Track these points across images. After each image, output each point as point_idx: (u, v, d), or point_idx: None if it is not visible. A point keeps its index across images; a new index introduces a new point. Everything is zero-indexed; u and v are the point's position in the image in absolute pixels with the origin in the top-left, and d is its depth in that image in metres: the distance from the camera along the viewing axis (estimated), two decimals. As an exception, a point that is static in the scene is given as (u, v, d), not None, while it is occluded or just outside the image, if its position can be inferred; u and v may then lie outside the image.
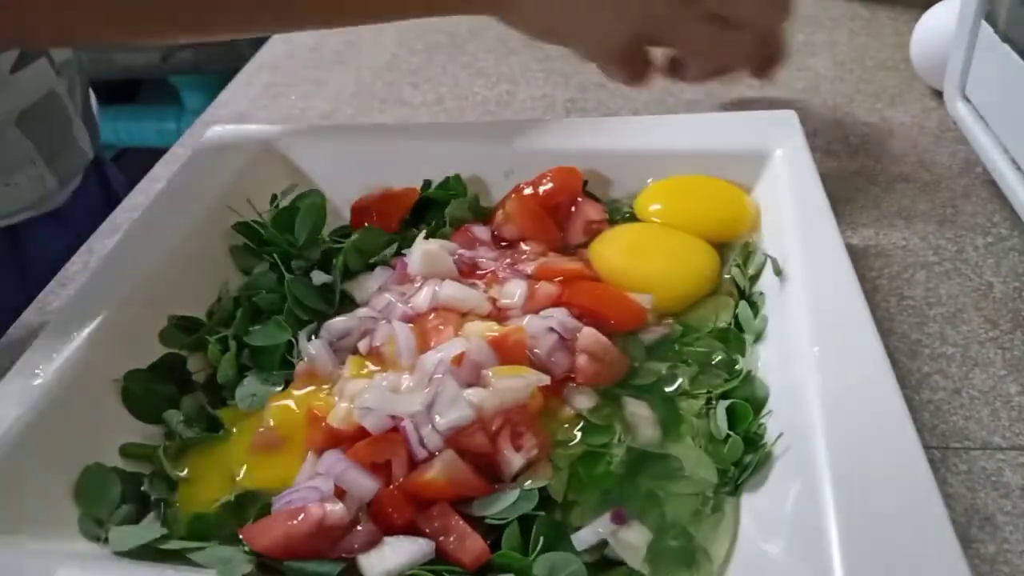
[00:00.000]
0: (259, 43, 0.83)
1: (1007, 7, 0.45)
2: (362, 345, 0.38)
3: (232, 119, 0.69)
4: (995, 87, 0.48)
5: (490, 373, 0.34)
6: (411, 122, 0.65)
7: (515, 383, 0.34)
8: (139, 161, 0.76)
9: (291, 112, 0.69)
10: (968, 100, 0.51)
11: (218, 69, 1.41)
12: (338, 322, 0.40)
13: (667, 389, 0.36)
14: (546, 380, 0.34)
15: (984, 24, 0.48)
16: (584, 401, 0.35)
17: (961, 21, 0.50)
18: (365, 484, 0.31)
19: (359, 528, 0.31)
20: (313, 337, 0.40)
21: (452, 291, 0.39)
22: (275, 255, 0.44)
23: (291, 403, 0.37)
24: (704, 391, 0.36)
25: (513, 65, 0.73)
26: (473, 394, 0.33)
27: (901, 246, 0.48)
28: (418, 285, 0.40)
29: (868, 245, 0.48)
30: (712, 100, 0.64)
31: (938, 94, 0.54)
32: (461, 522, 0.31)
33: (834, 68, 0.67)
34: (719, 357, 0.37)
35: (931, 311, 0.43)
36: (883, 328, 0.42)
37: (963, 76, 0.51)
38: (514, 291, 0.39)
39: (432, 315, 0.38)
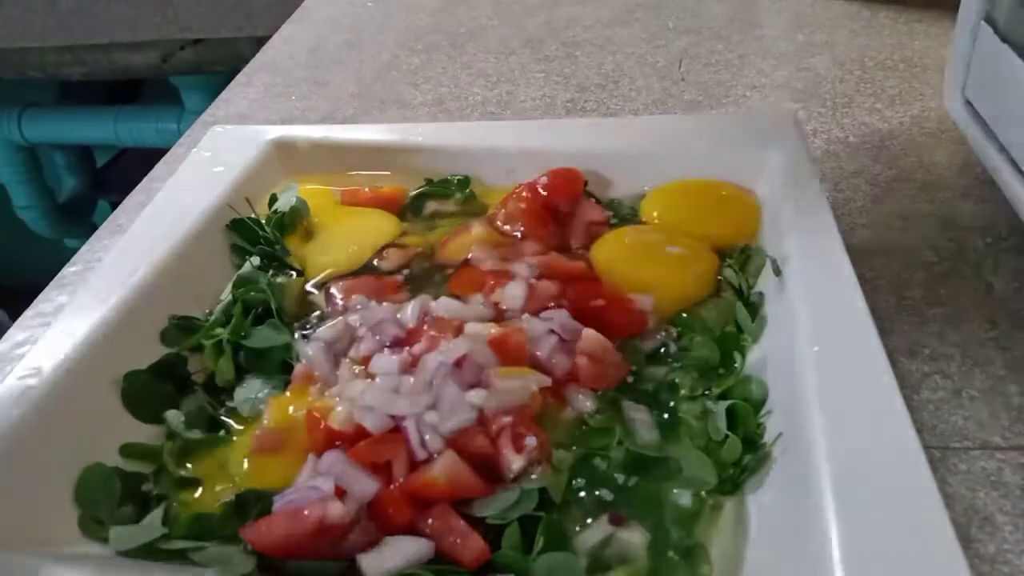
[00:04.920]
0: (260, 44, 0.83)
1: (1007, 7, 0.45)
2: (352, 351, 0.38)
3: (232, 119, 0.69)
4: (995, 87, 0.48)
5: (492, 374, 0.34)
6: (411, 123, 0.65)
7: (516, 384, 0.34)
8: (140, 161, 0.77)
9: (291, 112, 0.69)
10: (968, 100, 0.51)
11: (219, 70, 1.42)
12: (325, 330, 0.39)
13: (666, 394, 0.36)
14: (547, 381, 0.34)
15: (984, 24, 0.48)
16: (584, 404, 0.35)
17: (961, 21, 0.50)
18: (366, 484, 0.31)
19: (359, 528, 0.31)
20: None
21: (446, 307, 0.39)
22: (263, 255, 0.44)
23: (290, 405, 0.37)
24: (703, 393, 0.36)
25: (513, 66, 0.73)
26: (475, 395, 0.33)
27: (901, 246, 0.48)
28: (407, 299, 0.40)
29: (868, 245, 0.48)
30: (712, 101, 0.64)
31: (938, 94, 0.54)
32: (461, 522, 0.31)
33: (834, 68, 0.67)
34: (718, 359, 0.37)
35: (930, 311, 0.43)
36: (883, 328, 0.42)
37: (963, 76, 0.51)
38: (514, 293, 0.39)
39: (427, 323, 0.38)
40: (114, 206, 0.60)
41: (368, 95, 0.70)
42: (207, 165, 0.49)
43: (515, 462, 0.32)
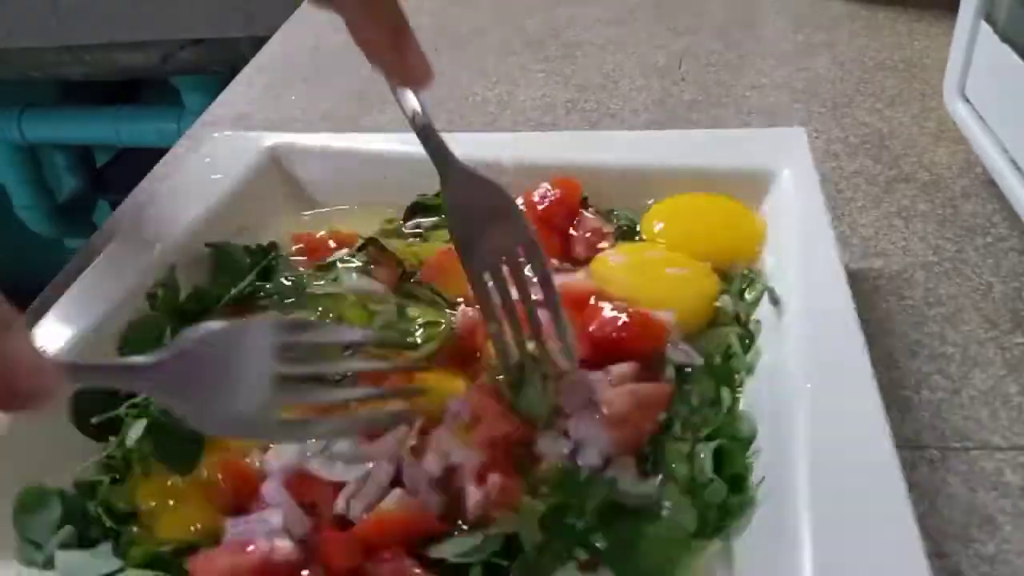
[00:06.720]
0: (259, 44, 0.83)
1: (1007, 7, 0.45)
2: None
3: (232, 120, 0.69)
4: (995, 87, 0.48)
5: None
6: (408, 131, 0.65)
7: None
8: (140, 161, 0.77)
9: (291, 113, 0.69)
10: (968, 100, 0.51)
11: (219, 70, 1.41)
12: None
13: (659, 436, 0.34)
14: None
15: (984, 24, 0.48)
16: (561, 449, 0.34)
17: (961, 21, 0.50)
18: (297, 517, 0.31)
19: (311, 572, 0.30)
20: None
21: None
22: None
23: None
24: (691, 433, 0.34)
25: (513, 66, 0.73)
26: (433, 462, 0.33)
27: (901, 246, 0.48)
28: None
29: (868, 245, 0.48)
30: (712, 101, 0.64)
31: (938, 94, 0.54)
32: (416, 569, 0.30)
33: (834, 68, 0.67)
34: (710, 395, 0.35)
35: (931, 311, 0.43)
36: (883, 328, 0.42)
37: (963, 76, 0.51)
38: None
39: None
40: (114, 206, 0.60)
41: (368, 96, 0.70)
42: (207, 170, 0.48)
43: (472, 496, 0.31)
